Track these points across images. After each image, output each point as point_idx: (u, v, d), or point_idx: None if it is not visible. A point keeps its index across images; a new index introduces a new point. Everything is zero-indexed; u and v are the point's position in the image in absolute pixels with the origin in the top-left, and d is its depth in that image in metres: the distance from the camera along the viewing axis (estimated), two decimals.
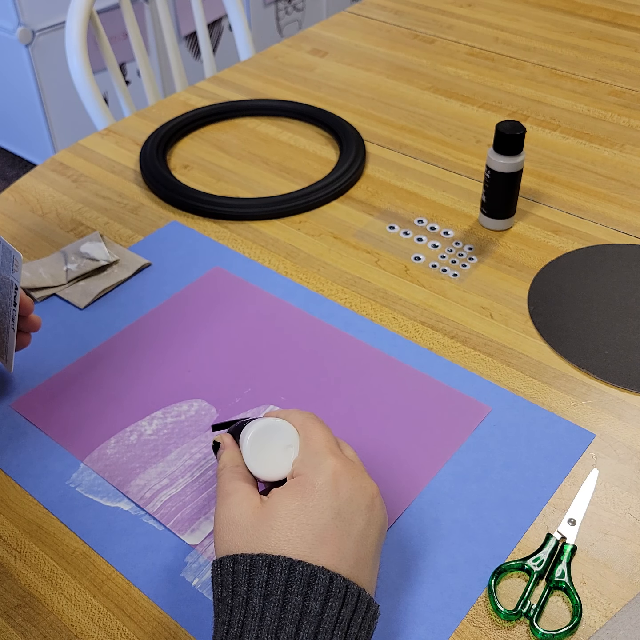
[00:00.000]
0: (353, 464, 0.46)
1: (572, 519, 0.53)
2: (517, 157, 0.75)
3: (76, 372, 0.64)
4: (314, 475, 0.45)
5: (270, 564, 0.41)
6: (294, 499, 0.43)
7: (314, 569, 0.41)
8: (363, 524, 0.44)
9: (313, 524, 0.42)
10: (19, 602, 0.50)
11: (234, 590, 0.41)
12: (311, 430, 0.48)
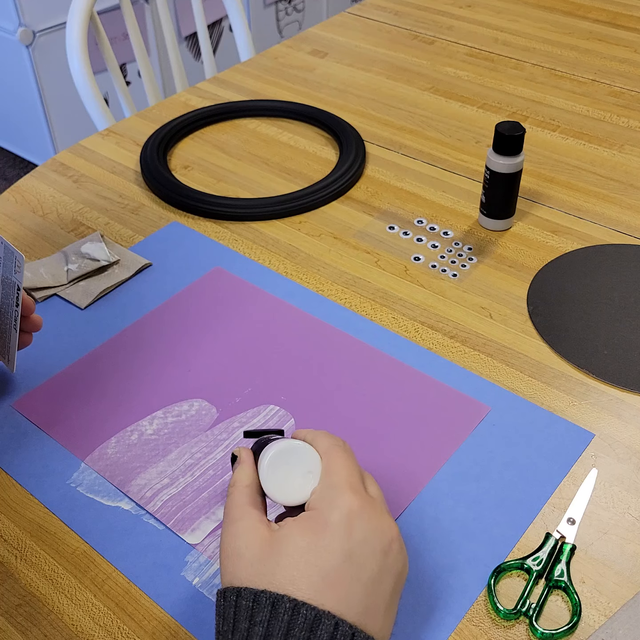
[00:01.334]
0: (373, 503, 0.43)
1: (571, 519, 0.53)
2: (516, 157, 0.75)
3: (77, 372, 0.65)
4: (328, 511, 0.42)
5: (273, 602, 0.39)
6: (304, 536, 0.41)
7: (318, 613, 0.39)
8: (376, 570, 0.41)
9: (321, 565, 0.40)
10: (20, 601, 0.50)
11: (235, 626, 0.39)
12: (334, 460, 0.45)
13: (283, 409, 0.61)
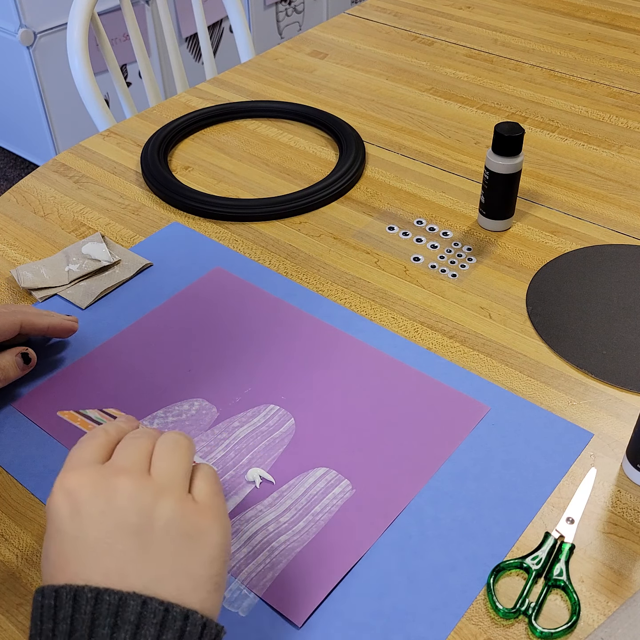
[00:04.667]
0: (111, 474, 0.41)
1: (570, 518, 0.53)
2: (515, 158, 0.75)
3: (78, 371, 0.65)
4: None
5: (75, 596, 0.37)
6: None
7: (123, 596, 0.36)
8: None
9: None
10: (21, 600, 0.50)
11: (42, 629, 0.37)
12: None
13: (283, 408, 0.61)
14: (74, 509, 0.39)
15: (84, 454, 0.42)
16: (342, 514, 0.54)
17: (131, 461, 0.42)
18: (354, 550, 0.52)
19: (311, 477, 0.56)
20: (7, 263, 0.76)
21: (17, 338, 0.62)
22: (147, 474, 0.41)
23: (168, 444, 0.43)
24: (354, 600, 0.49)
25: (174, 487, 0.41)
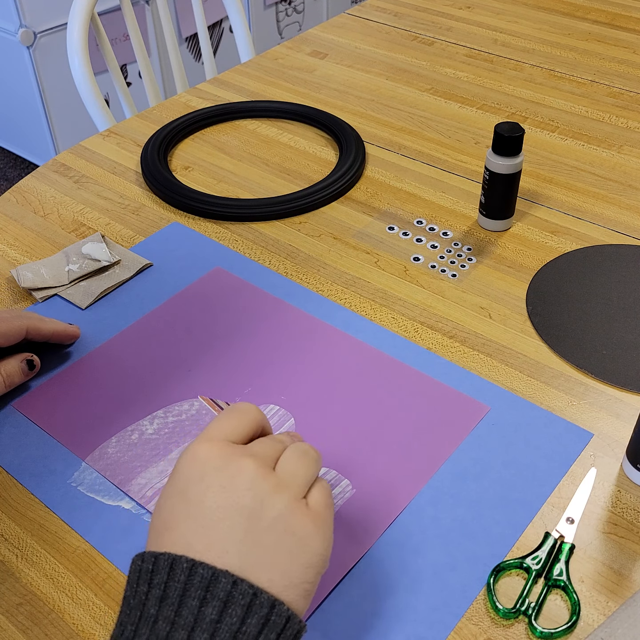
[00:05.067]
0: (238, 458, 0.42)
1: (570, 518, 0.53)
2: (515, 158, 0.75)
3: (78, 371, 0.65)
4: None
5: (171, 564, 0.38)
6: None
7: (216, 572, 0.38)
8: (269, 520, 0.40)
9: (207, 524, 0.40)
10: (21, 600, 0.50)
11: (136, 590, 0.39)
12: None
13: (283, 408, 0.61)
14: (199, 475, 0.41)
15: (224, 428, 0.44)
16: (342, 514, 0.54)
17: (263, 452, 0.43)
18: (354, 550, 0.52)
19: None
20: (7, 263, 0.76)
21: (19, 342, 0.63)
22: (272, 468, 0.43)
23: (298, 451, 0.45)
24: (354, 600, 0.49)
25: (293, 487, 0.42)
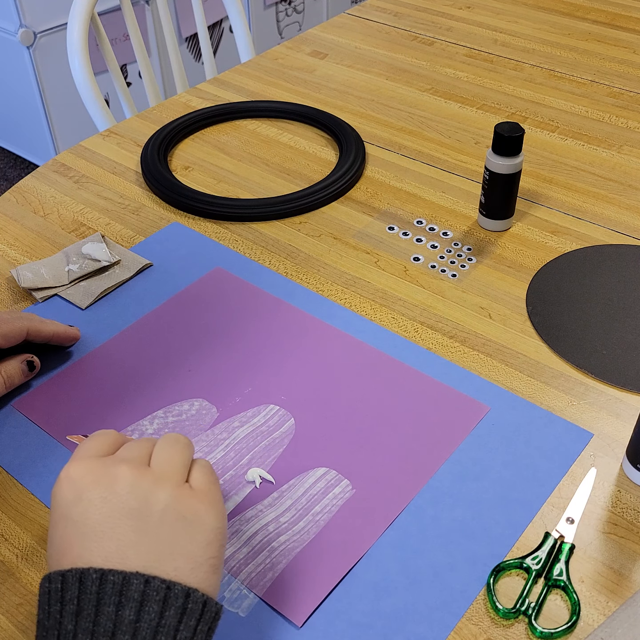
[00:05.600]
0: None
1: (570, 518, 0.53)
2: (515, 158, 0.75)
3: (78, 371, 0.65)
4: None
5: (80, 577, 0.38)
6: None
7: (126, 575, 0.38)
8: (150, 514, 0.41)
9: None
10: (21, 600, 0.50)
11: (49, 611, 0.38)
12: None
13: (283, 408, 0.61)
14: (77, 495, 0.41)
15: (91, 447, 0.44)
16: (342, 514, 0.54)
17: (133, 455, 0.44)
18: (354, 550, 0.52)
19: (311, 477, 0.56)
20: (7, 263, 0.76)
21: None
22: (146, 465, 0.43)
23: (168, 440, 0.46)
24: (354, 600, 0.49)
25: (172, 475, 0.43)
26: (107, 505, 0.41)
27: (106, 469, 0.42)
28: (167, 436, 0.46)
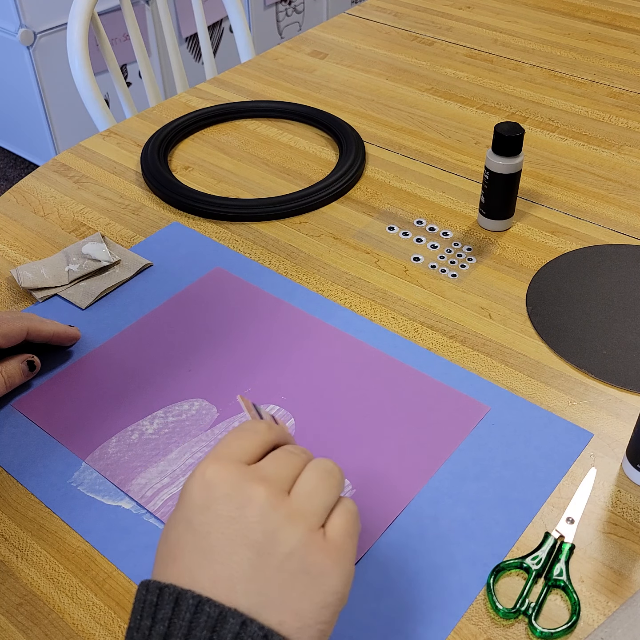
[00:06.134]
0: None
1: (570, 518, 0.53)
2: (515, 158, 0.75)
3: (78, 371, 0.65)
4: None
5: (177, 599, 0.36)
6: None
7: (223, 611, 0.35)
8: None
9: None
10: (21, 600, 0.50)
11: (140, 624, 0.37)
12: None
13: (283, 408, 0.61)
14: (206, 503, 0.38)
15: (235, 448, 0.40)
16: None
17: (277, 474, 0.40)
18: None
19: None
20: (7, 263, 0.76)
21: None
22: (286, 493, 0.39)
23: (320, 470, 0.41)
24: (354, 600, 0.49)
25: (309, 516, 0.38)
26: (232, 527, 0.37)
27: (243, 485, 0.38)
28: (321, 463, 0.41)
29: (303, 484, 0.40)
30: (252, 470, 0.39)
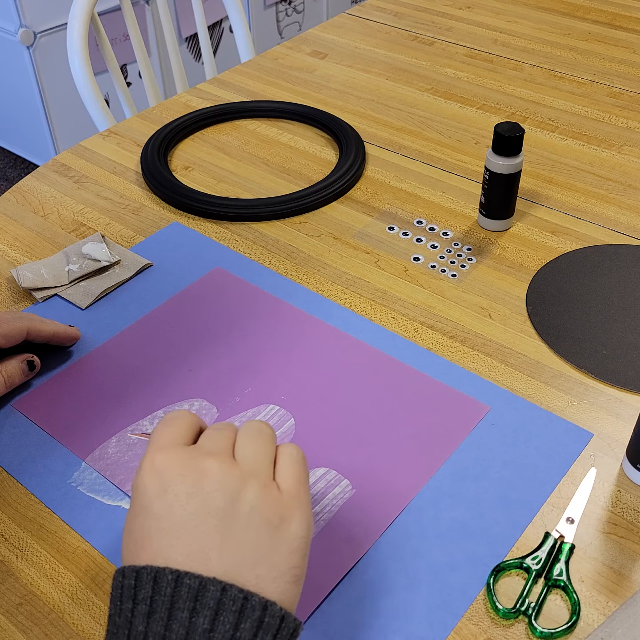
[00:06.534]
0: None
1: (570, 518, 0.53)
2: (515, 158, 0.75)
3: (78, 371, 0.65)
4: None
5: (155, 577, 0.37)
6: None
7: (203, 580, 0.37)
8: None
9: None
10: (21, 600, 0.50)
11: (121, 608, 0.37)
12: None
13: (283, 408, 0.61)
14: (162, 487, 0.40)
15: (172, 434, 0.43)
16: (342, 514, 0.54)
17: (217, 447, 0.42)
18: (354, 550, 0.52)
19: (311, 477, 0.56)
20: (7, 263, 0.77)
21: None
22: (233, 459, 0.42)
23: (251, 431, 0.43)
24: (353, 601, 0.49)
25: (259, 473, 0.41)
26: (192, 502, 0.39)
27: (193, 462, 0.40)
28: (250, 425, 0.44)
29: (242, 448, 0.42)
30: (194, 449, 0.42)
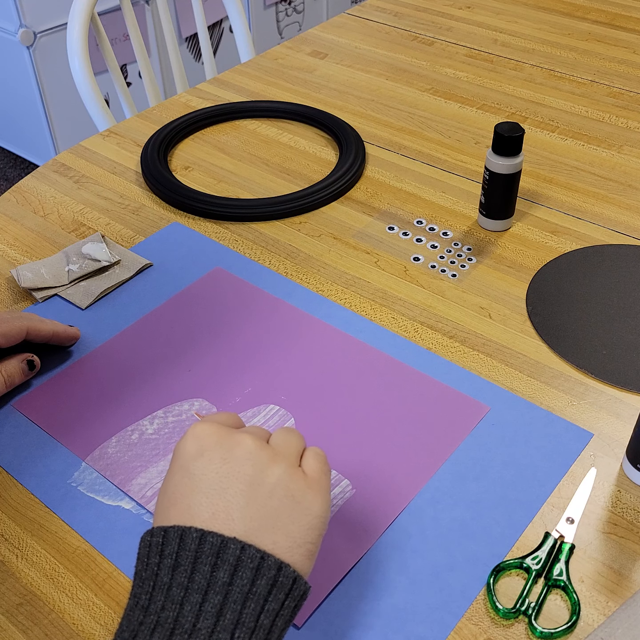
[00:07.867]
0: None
1: (570, 518, 0.53)
2: (515, 158, 0.75)
3: (78, 371, 0.65)
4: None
5: (181, 535, 0.40)
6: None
7: (224, 539, 0.40)
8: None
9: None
10: (21, 600, 0.50)
11: (147, 563, 0.41)
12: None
13: (283, 408, 0.61)
14: (199, 451, 0.43)
15: (218, 417, 0.47)
16: (342, 514, 0.54)
17: (254, 431, 0.46)
18: (354, 550, 0.52)
19: None
20: (7, 263, 0.77)
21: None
22: (266, 442, 0.46)
23: (283, 430, 0.47)
24: (353, 600, 0.49)
25: (288, 455, 0.45)
26: (225, 466, 0.43)
27: (230, 434, 0.44)
28: (282, 428, 0.48)
29: (276, 436, 0.46)
30: (234, 429, 0.46)
